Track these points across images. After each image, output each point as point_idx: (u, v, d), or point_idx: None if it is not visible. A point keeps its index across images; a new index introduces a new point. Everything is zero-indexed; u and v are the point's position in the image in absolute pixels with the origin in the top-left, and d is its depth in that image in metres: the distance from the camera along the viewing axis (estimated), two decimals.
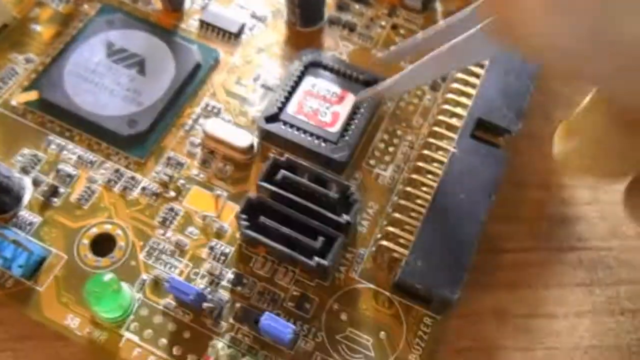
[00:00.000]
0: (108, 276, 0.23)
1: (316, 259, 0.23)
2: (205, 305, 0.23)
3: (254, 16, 0.32)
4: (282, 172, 0.25)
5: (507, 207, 0.28)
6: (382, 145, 0.28)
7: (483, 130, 0.27)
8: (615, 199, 0.29)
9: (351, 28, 0.32)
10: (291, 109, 0.28)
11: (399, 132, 0.29)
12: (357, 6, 0.32)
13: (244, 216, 0.24)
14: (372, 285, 0.25)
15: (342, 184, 0.25)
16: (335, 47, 0.31)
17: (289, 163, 0.25)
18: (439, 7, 0.33)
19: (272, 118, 0.27)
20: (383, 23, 0.32)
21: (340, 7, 0.32)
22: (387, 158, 0.28)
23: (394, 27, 0.32)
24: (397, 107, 0.29)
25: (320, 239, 0.24)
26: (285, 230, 0.24)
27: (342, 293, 0.25)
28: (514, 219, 0.28)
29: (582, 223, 0.28)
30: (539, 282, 0.27)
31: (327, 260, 0.23)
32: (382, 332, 0.24)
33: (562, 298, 0.27)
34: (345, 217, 0.24)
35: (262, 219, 0.24)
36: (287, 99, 0.28)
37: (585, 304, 0.27)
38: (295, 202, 0.24)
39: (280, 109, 0.28)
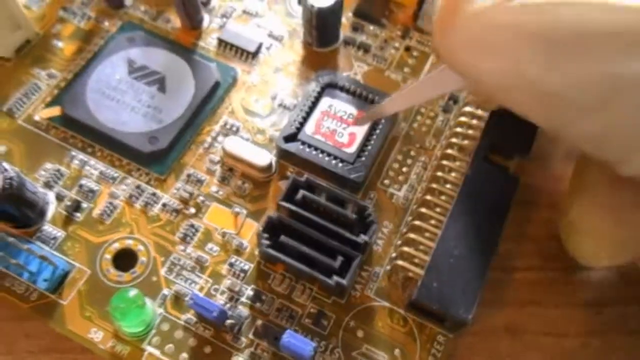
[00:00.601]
0: (133, 292, 0.23)
1: (335, 278, 0.24)
2: (228, 322, 0.23)
3: (271, 36, 0.33)
4: (302, 192, 0.25)
5: (517, 227, 0.29)
6: (396, 166, 0.29)
7: (495, 153, 0.28)
8: None
9: (365, 49, 0.33)
10: (309, 129, 0.29)
11: (412, 153, 0.30)
12: (371, 27, 0.33)
13: (265, 235, 0.25)
14: (387, 304, 0.26)
15: (359, 204, 0.26)
16: (350, 67, 0.32)
17: (308, 183, 0.26)
18: None
19: (290, 138, 0.28)
20: (397, 44, 0.33)
21: (355, 28, 0.33)
22: (401, 178, 0.29)
23: (407, 49, 0.33)
24: (411, 129, 0.30)
25: (339, 258, 0.24)
26: (305, 249, 0.25)
27: (358, 310, 0.26)
28: (523, 238, 0.29)
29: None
30: (549, 300, 0.28)
31: (345, 280, 0.24)
32: (397, 350, 0.25)
33: (572, 316, 0.27)
34: (363, 238, 0.25)
35: (283, 237, 0.25)
36: (305, 119, 0.29)
37: (595, 322, 0.27)
38: (314, 221, 0.25)
39: (299, 129, 0.28)
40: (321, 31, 0.31)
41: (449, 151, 0.28)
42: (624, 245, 0.23)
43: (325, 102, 0.29)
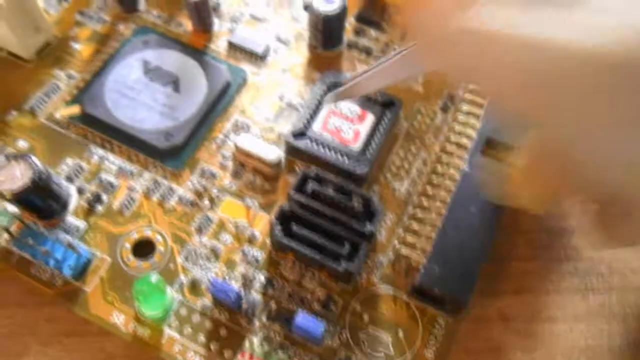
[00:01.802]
0: (155, 277, 0.25)
1: (344, 264, 0.26)
2: (244, 306, 0.25)
3: (278, 39, 0.35)
4: (312, 183, 0.27)
5: (511, 220, 0.31)
6: (398, 161, 0.31)
7: (492, 148, 0.30)
8: None
9: (368, 52, 0.34)
10: (316, 126, 0.30)
11: (413, 150, 0.31)
12: (372, 32, 0.35)
13: (277, 224, 0.26)
14: (390, 289, 0.28)
15: (364, 196, 0.27)
16: (353, 69, 0.34)
17: (317, 175, 0.28)
18: None
19: (299, 134, 0.30)
20: (396, 47, 0.35)
21: (358, 33, 0.35)
22: (402, 173, 0.31)
23: None
24: (411, 127, 0.32)
25: (347, 245, 0.26)
26: (314, 237, 0.26)
27: (363, 296, 0.27)
28: (516, 230, 0.31)
29: (577, 235, 0.31)
30: (540, 288, 0.30)
31: (353, 265, 0.26)
32: (400, 331, 0.27)
33: (560, 303, 0.29)
34: (368, 226, 0.26)
35: (294, 226, 0.26)
36: (312, 117, 0.31)
37: (581, 308, 0.29)
38: (323, 211, 0.27)
39: (307, 127, 0.30)
40: (326, 35, 0.33)
41: (448, 146, 0.30)
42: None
43: None
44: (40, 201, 0.26)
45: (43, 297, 0.27)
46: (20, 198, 0.25)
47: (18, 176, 0.25)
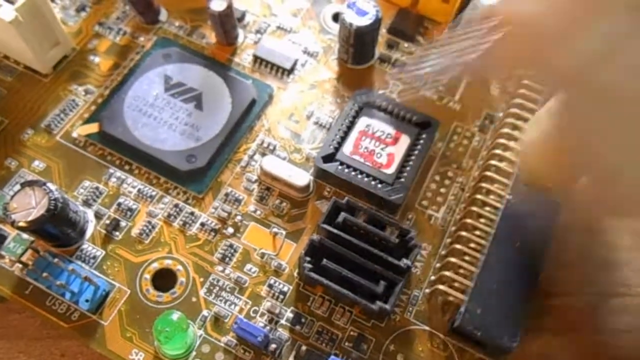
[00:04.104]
0: (177, 315, 0.23)
1: (379, 303, 0.24)
2: (272, 347, 0.23)
3: (305, 52, 0.33)
4: (343, 214, 0.25)
5: (553, 251, 0.29)
6: (433, 186, 0.29)
7: None
8: None
9: (401, 67, 0.32)
10: (347, 149, 0.28)
11: (449, 174, 0.29)
12: (405, 45, 0.33)
13: (307, 258, 0.25)
14: (426, 327, 0.26)
15: (401, 228, 0.26)
16: (385, 85, 0.32)
17: (349, 205, 0.26)
18: None
19: (329, 158, 0.28)
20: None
21: (390, 46, 0.33)
22: (439, 199, 0.29)
23: None
24: (447, 148, 0.30)
25: (382, 283, 0.24)
26: (347, 273, 0.24)
27: (398, 334, 0.26)
28: (561, 262, 0.29)
29: (626, 269, 0.29)
30: (584, 327, 0.27)
31: (389, 305, 0.24)
32: None
33: (603, 344, 0.27)
34: (405, 262, 0.25)
35: (325, 261, 0.25)
36: (343, 139, 0.29)
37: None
38: (356, 244, 0.25)
39: (337, 149, 0.28)
40: (358, 49, 0.31)
41: (487, 173, 0.28)
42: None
43: (363, 121, 0.29)
44: (56, 230, 0.25)
45: (58, 331, 0.25)
46: (35, 228, 0.24)
47: (33, 204, 0.24)
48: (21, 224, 0.23)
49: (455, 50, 0.23)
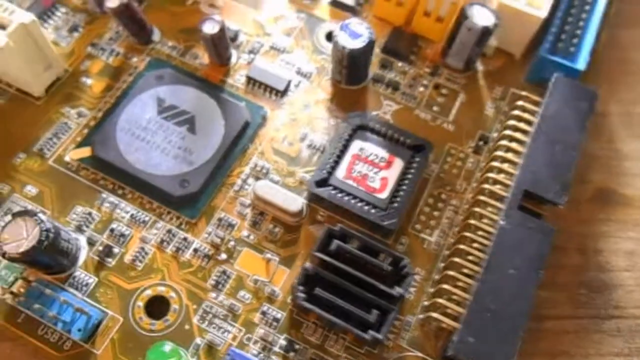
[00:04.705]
0: (168, 346, 0.23)
1: (371, 332, 0.24)
2: None
3: (299, 72, 0.33)
4: (336, 242, 0.25)
5: (546, 273, 0.29)
6: (427, 210, 0.29)
7: (528, 200, 0.28)
8: None
9: (395, 87, 0.32)
10: (340, 173, 0.28)
11: (443, 197, 0.29)
12: (399, 64, 0.33)
13: (300, 287, 0.25)
14: (420, 354, 0.26)
15: (395, 255, 0.25)
16: (379, 106, 0.32)
17: (343, 232, 0.26)
18: (480, 67, 0.33)
19: (322, 182, 0.28)
20: (425, 82, 0.33)
21: (384, 66, 0.33)
22: (432, 223, 0.29)
23: (436, 86, 0.33)
24: (441, 170, 0.30)
25: (375, 312, 0.24)
26: (340, 302, 0.24)
27: None
28: (553, 285, 0.29)
29: (620, 290, 0.29)
30: (578, 350, 0.28)
31: (381, 334, 0.24)
32: None
33: None
34: (398, 290, 0.25)
35: (318, 290, 0.25)
36: (336, 163, 0.29)
37: None
38: (349, 272, 0.25)
39: (330, 174, 0.28)
40: (351, 71, 0.31)
41: (481, 197, 0.28)
42: None
43: (356, 145, 0.29)
44: (48, 259, 0.25)
45: None
46: (27, 259, 0.23)
47: (24, 235, 0.23)
48: (12, 255, 0.23)
49: None
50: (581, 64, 0.31)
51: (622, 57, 0.36)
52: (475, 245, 0.27)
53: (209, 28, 0.30)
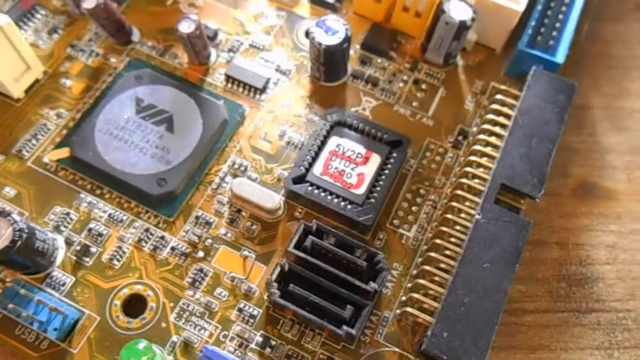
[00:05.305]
0: (142, 344, 0.23)
1: (345, 328, 0.24)
2: None
3: (278, 70, 0.33)
4: (311, 238, 0.25)
5: (527, 267, 0.29)
6: (405, 205, 0.29)
7: (505, 194, 0.28)
8: (633, 259, 0.29)
9: (374, 83, 0.32)
10: (317, 169, 0.28)
11: (422, 192, 0.29)
12: (379, 60, 0.33)
13: (274, 284, 0.25)
14: (396, 349, 0.26)
15: (369, 251, 0.25)
16: (359, 102, 0.32)
17: (318, 229, 0.26)
18: (460, 61, 0.33)
19: (299, 179, 0.28)
20: (405, 77, 0.33)
21: (363, 62, 0.33)
22: (410, 218, 0.29)
23: (416, 82, 0.33)
24: (420, 165, 0.30)
25: (349, 307, 0.24)
26: (314, 298, 0.24)
27: (368, 356, 0.26)
28: (533, 279, 0.29)
29: (600, 284, 0.29)
30: (558, 344, 0.27)
31: (355, 330, 0.24)
32: None
33: None
34: (373, 285, 0.25)
35: (292, 286, 0.25)
36: (313, 159, 0.29)
37: None
38: (323, 268, 0.25)
39: (307, 170, 0.28)
40: (329, 67, 0.31)
41: (459, 192, 0.28)
42: None
43: (333, 141, 0.29)
44: (23, 259, 0.25)
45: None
46: (1, 259, 0.24)
47: None
48: None
49: None
50: (560, 57, 0.31)
51: (604, 50, 0.36)
52: (452, 239, 0.27)
53: (185, 27, 0.30)
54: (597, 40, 0.36)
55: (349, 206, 0.27)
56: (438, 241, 0.27)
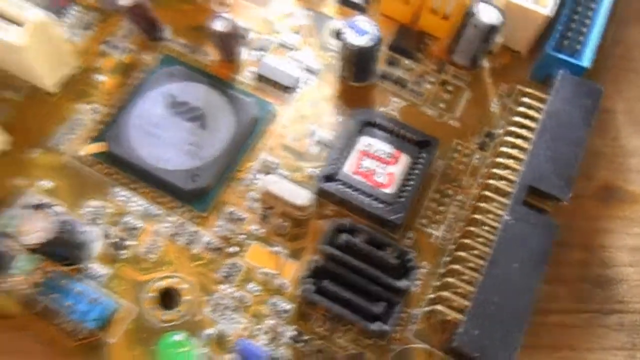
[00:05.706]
0: (180, 336, 0.24)
1: (378, 324, 0.24)
2: None
3: (307, 69, 0.33)
4: (345, 236, 0.26)
5: (551, 268, 0.29)
6: (433, 205, 0.30)
7: (533, 196, 0.28)
8: None
9: (402, 84, 0.33)
10: (348, 168, 0.29)
11: (449, 192, 0.30)
12: (406, 62, 0.34)
13: (308, 280, 0.25)
14: (426, 346, 0.26)
15: (400, 249, 0.26)
16: (387, 102, 0.32)
17: (350, 227, 0.26)
18: (486, 64, 0.34)
19: (329, 177, 0.29)
20: (432, 79, 0.33)
21: (391, 63, 0.33)
22: (438, 217, 0.29)
23: (443, 83, 0.33)
24: (448, 167, 0.31)
25: (381, 303, 0.25)
26: (347, 294, 0.25)
27: (397, 352, 0.26)
28: (557, 280, 0.29)
29: (624, 285, 0.30)
30: (581, 345, 0.28)
31: (388, 326, 0.24)
32: None
33: None
34: (404, 283, 0.25)
35: (326, 283, 0.25)
36: (344, 158, 0.29)
37: None
38: (355, 265, 0.26)
39: (338, 169, 0.29)
40: (359, 68, 0.31)
41: (486, 193, 0.29)
42: None
43: (363, 140, 0.30)
44: (63, 251, 0.25)
45: (65, 348, 0.26)
46: (43, 250, 0.24)
47: (40, 228, 0.24)
48: (30, 246, 0.24)
49: None
50: (586, 61, 0.32)
51: (627, 54, 0.37)
52: (480, 239, 0.27)
53: (219, 25, 0.30)
54: (620, 43, 0.37)
55: (379, 205, 0.28)
56: (467, 241, 0.27)
